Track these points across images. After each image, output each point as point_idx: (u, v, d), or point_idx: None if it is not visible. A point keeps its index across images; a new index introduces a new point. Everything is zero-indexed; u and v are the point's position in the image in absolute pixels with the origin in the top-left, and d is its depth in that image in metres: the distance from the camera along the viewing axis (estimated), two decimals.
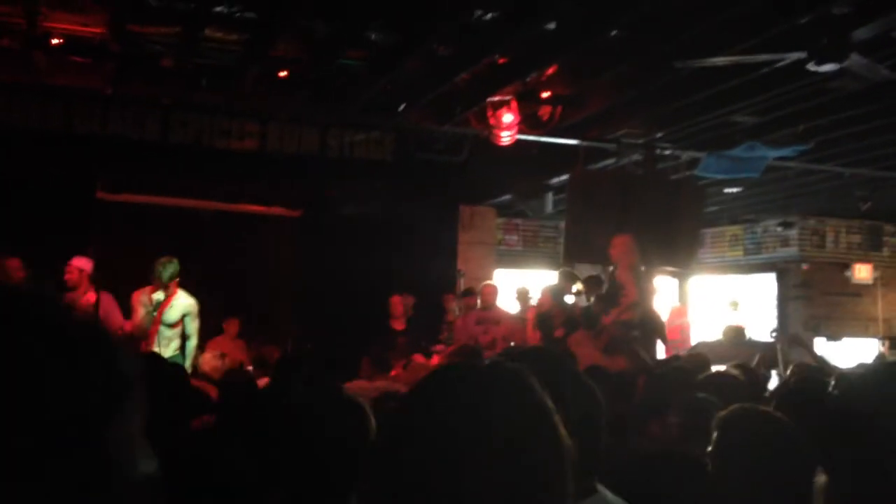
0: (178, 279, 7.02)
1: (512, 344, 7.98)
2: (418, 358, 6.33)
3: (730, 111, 7.69)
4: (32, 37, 6.58)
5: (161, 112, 8.60)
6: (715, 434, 2.31)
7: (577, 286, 8.51)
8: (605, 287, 7.80)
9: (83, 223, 8.98)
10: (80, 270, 7.14)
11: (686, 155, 8.86)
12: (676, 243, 8.70)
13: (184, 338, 7.11)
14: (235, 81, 7.48)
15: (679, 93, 7.22)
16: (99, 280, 7.27)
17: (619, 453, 2.47)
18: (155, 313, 6.90)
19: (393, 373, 5.74)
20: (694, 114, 7.82)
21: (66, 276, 7.07)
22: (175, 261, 6.98)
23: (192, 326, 7.17)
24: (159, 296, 6.96)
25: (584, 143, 8.63)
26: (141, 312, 6.97)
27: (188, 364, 6.87)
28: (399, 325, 9.02)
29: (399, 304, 9.02)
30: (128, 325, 7.00)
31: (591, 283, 8.39)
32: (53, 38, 6.70)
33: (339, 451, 1.74)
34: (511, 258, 12.65)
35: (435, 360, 6.78)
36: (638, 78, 7.03)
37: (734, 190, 10.75)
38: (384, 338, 8.32)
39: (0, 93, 8.00)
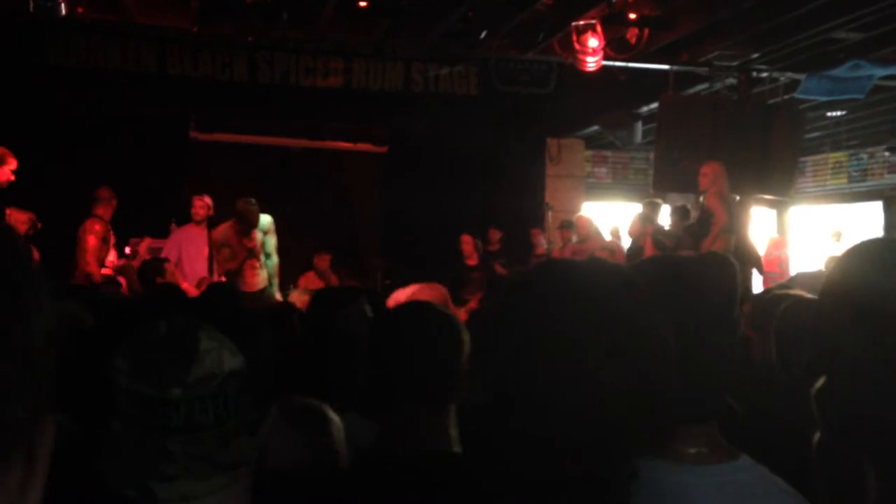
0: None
1: None
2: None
3: (832, 27, 7.24)
4: None
5: (248, 52, 8.73)
6: None
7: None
8: (695, 217, 7.59)
9: (178, 162, 9.30)
10: (208, 207, 7.63)
11: (784, 77, 8.44)
12: (773, 171, 8.35)
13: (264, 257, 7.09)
14: (316, 13, 7.48)
15: (775, 9, 6.85)
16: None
17: None
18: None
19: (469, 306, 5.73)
20: (792, 32, 7.40)
21: (197, 211, 7.57)
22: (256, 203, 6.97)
23: (271, 244, 7.18)
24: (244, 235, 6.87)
25: (675, 68, 8.33)
26: (226, 253, 6.95)
27: (275, 287, 6.97)
28: (472, 261, 9.04)
29: (469, 243, 9.00)
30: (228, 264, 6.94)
31: (678, 214, 8.18)
32: None
33: (437, 361, 1.75)
34: (600, 190, 12.43)
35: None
36: None
37: (837, 113, 10.22)
38: (457, 275, 8.30)
39: (96, 34, 8.25)
